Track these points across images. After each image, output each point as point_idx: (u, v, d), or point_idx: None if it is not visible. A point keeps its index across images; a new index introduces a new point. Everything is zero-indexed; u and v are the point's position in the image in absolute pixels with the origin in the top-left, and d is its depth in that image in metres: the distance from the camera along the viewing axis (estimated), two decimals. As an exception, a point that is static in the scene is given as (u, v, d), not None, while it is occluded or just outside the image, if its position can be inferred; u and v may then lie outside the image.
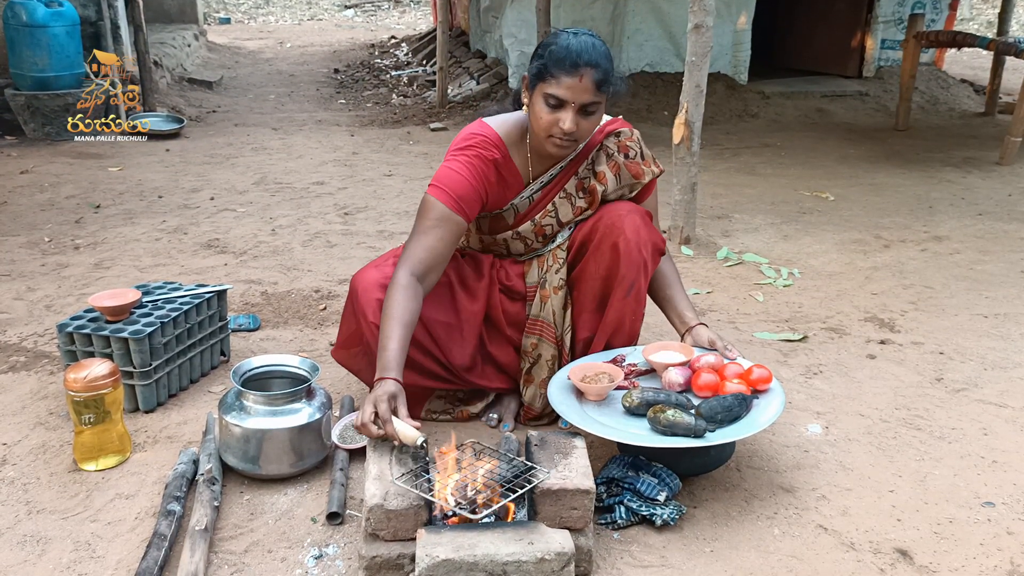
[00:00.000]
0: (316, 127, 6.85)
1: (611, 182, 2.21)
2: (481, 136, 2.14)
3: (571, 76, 1.95)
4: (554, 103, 1.99)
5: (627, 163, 2.22)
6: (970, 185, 5.08)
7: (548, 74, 1.98)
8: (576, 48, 1.96)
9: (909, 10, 7.84)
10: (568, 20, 7.14)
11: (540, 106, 2.02)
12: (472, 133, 2.15)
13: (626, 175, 2.22)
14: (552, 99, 1.98)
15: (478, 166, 2.10)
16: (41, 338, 2.80)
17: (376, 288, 2.13)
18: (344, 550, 1.78)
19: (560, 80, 1.96)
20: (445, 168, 2.11)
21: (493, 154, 2.13)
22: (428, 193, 2.08)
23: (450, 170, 2.09)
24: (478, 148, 2.12)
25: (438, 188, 2.07)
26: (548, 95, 1.99)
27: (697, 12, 3.54)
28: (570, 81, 1.96)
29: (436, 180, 2.09)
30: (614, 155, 2.22)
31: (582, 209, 2.22)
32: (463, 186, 2.07)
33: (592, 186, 2.20)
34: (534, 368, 2.25)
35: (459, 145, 2.14)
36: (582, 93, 1.97)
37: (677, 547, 1.81)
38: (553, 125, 2.01)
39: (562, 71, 1.96)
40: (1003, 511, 1.96)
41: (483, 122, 2.19)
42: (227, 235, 3.97)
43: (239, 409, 2.00)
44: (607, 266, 2.12)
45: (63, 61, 5.82)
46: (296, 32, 14.34)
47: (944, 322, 3.06)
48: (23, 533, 1.82)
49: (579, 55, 1.95)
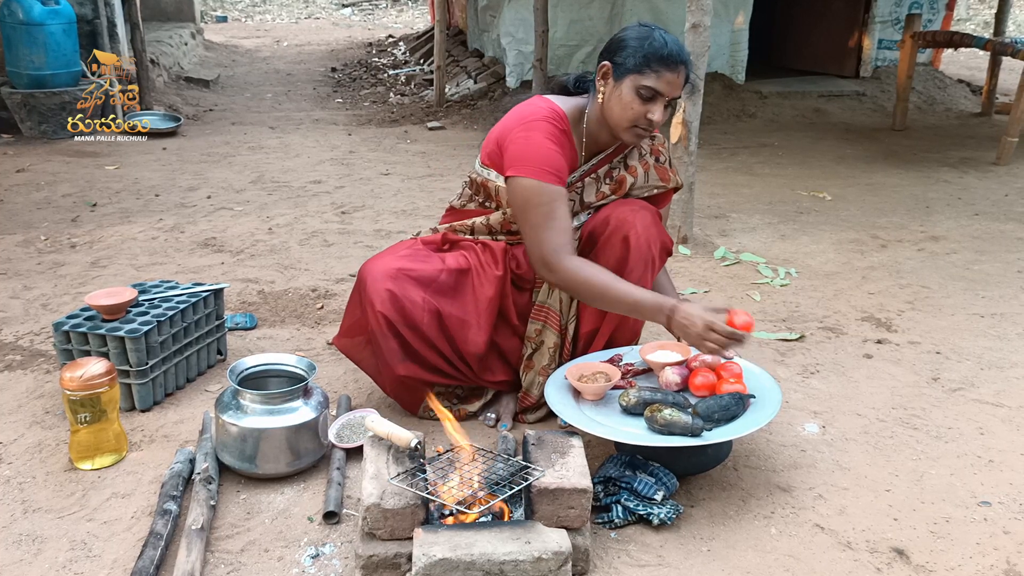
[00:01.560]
0: (313, 126, 6.84)
1: (640, 177, 2.26)
2: (553, 110, 2.15)
3: (672, 71, 2.03)
4: (649, 96, 2.04)
5: (657, 166, 2.29)
6: (967, 185, 5.09)
7: (648, 67, 2.03)
8: (674, 46, 2.05)
9: (906, 10, 7.85)
10: (566, 19, 7.15)
11: (630, 97, 2.05)
12: (535, 106, 2.16)
13: (654, 176, 2.28)
14: (648, 91, 2.03)
15: (557, 136, 2.11)
16: (37, 337, 2.80)
17: (385, 278, 2.13)
18: (341, 549, 1.78)
19: (661, 74, 2.02)
20: (531, 145, 2.07)
21: (564, 126, 2.15)
22: (527, 176, 2.05)
23: (539, 146, 2.07)
24: (552, 120, 2.13)
25: (537, 168, 2.05)
26: (644, 87, 2.03)
27: (694, 11, 3.54)
28: (671, 76, 2.03)
29: (528, 160, 2.06)
30: (646, 155, 2.28)
31: (605, 195, 2.24)
32: (556, 159, 2.08)
33: (622, 176, 2.24)
34: (536, 354, 2.25)
35: (534, 117, 2.12)
36: (677, 88, 2.06)
37: (674, 546, 1.81)
38: (641, 116, 2.06)
39: (664, 66, 2.02)
40: (999, 510, 1.96)
41: (545, 98, 2.20)
42: (224, 234, 3.96)
43: (236, 408, 2.00)
44: (617, 258, 2.13)
45: (60, 59, 5.80)
46: (293, 31, 14.32)
47: (941, 322, 3.06)
48: (19, 532, 1.82)
49: (679, 52, 2.05)
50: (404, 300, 2.12)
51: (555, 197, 2.05)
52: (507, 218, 2.25)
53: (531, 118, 2.12)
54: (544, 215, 2.04)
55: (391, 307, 2.11)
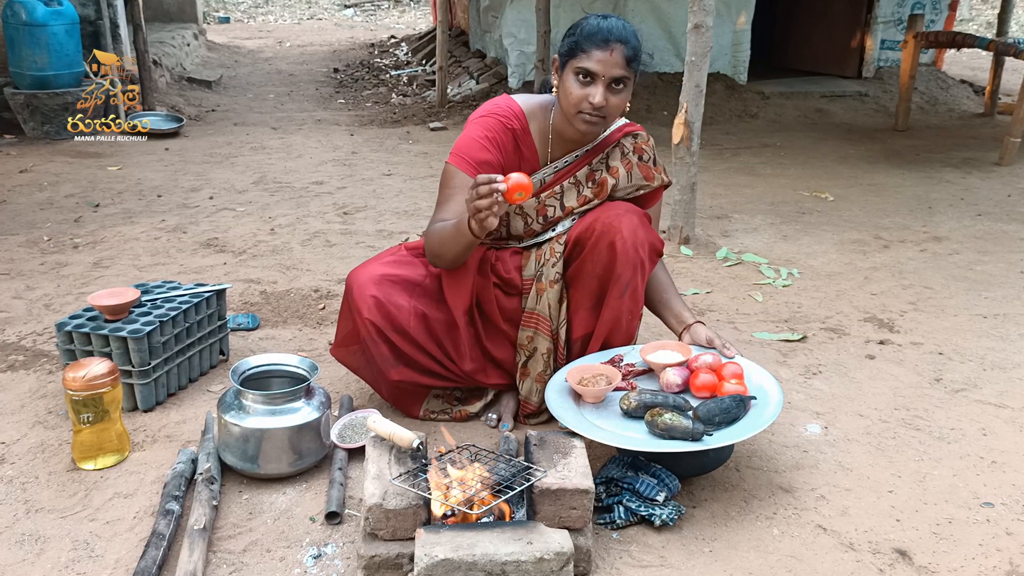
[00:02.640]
0: (315, 126, 6.85)
1: (623, 178, 2.24)
2: (503, 106, 2.22)
3: (602, 50, 2.03)
4: (585, 77, 2.05)
5: (640, 165, 2.26)
6: (969, 186, 5.08)
7: (579, 49, 2.05)
8: (606, 26, 2.06)
9: (909, 10, 7.85)
10: (567, 20, 7.13)
11: (571, 82, 2.07)
12: (494, 103, 2.23)
13: (637, 175, 2.25)
14: (583, 72, 2.05)
15: (497, 131, 2.18)
16: (40, 337, 2.80)
17: (371, 285, 2.13)
18: (343, 549, 1.78)
19: (591, 54, 2.03)
20: (464, 135, 2.19)
21: (512, 124, 2.20)
22: (448, 162, 2.16)
23: (468, 137, 2.18)
24: (499, 116, 2.19)
25: (457, 156, 2.16)
26: (580, 69, 2.05)
27: (697, 12, 3.54)
28: (601, 55, 2.03)
29: (455, 148, 2.17)
30: (628, 154, 2.26)
31: (587, 199, 2.24)
32: (480, 151, 2.15)
33: (603, 179, 2.23)
34: (530, 361, 2.25)
35: (480, 113, 2.22)
36: (613, 67, 2.04)
37: (676, 547, 1.81)
38: (583, 100, 2.06)
39: (593, 45, 2.03)
40: (1002, 511, 1.96)
41: (507, 96, 2.27)
42: (226, 234, 3.97)
43: (238, 408, 2.00)
44: (603, 265, 2.12)
45: (62, 60, 5.81)
46: (295, 31, 14.34)
47: (943, 322, 3.06)
48: (21, 532, 1.82)
49: (610, 31, 2.04)
50: (390, 306, 2.13)
51: (461, 184, 2.13)
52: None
53: (479, 114, 2.22)
54: (444, 197, 2.17)
55: (378, 313, 2.12)
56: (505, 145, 2.18)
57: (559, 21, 6.94)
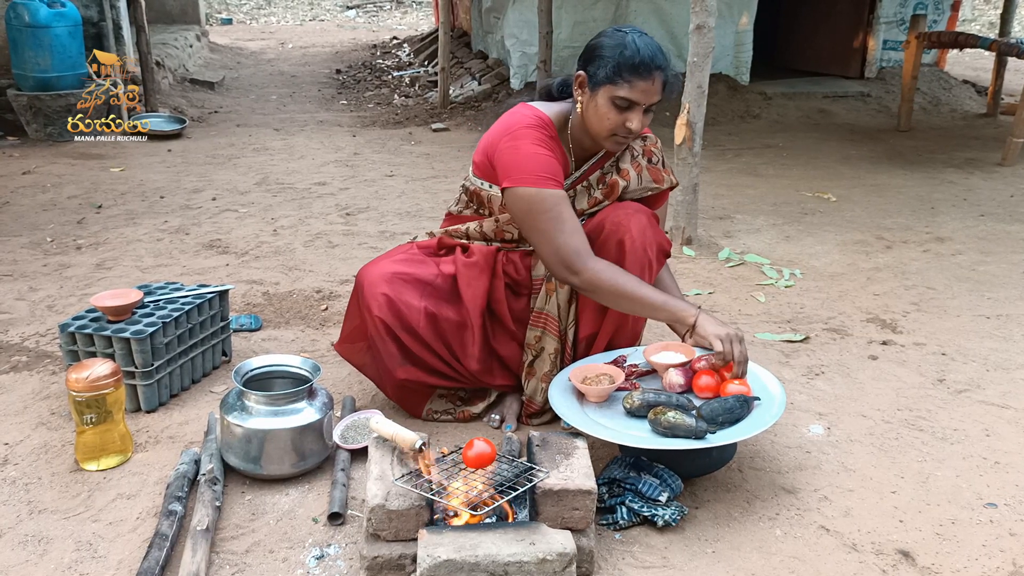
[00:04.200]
0: (318, 128, 6.85)
1: (633, 180, 2.23)
2: (538, 117, 2.13)
3: (645, 80, 1.99)
4: (624, 106, 2.01)
5: (649, 167, 2.25)
6: (972, 186, 5.07)
7: (620, 78, 1.99)
8: (647, 53, 1.99)
9: (911, 11, 7.84)
10: (570, 21, 7.15)
11: (607, 108, 2.03)
12: (526, 115, 2.13)
13: (647, 178, 2.25)
14: (623, 102, 2.00)
15: (546, 141, 2.10)
16: (43, 338, 2.81)
17: (382, 282, 2.13)
18: (346, 550, 1.78)
19: (634, 84, 1.99)
20: (520, 154, 2.05)
21: (551, 132, 2.14)
22: (526, 186, 2.03)
23: (532, 154, 2.05)
24: (540, 128, 2.11)
25: (535, 176, 2.03)
26: (619, 97, 2.00)
27: (699, 13, 3.54)
28: (644, 85, 1.99)
29: (520, 169, 2.04)
30: (638, 157, 2.25)
31: (597, 200, 2.23)
32: (550, 163, 2.06)
33: (614, 180, 2.22)
34: (536, 361, 2.25)
35: (518, 126, 2.10)
36: (653, 95, 2.02)
37: (679, 548, 1.81)
38: (619, 126, 2.03)
39: (636, 75, 1.98)
40: (1005, 512, 1.96)
41: (530, 105, 2.18)
42: (229, 235, 3.97)
43: (241, 409, 2.00)
44: (612, 263, 2.12)
45: (65, 62, 5.82)
46: (298, 33, 14.35)
47: (946, 323, 3.05)
48: (25, 533, 1.82)
49: (652, 59, 1.99)
50: (400, 304, 2.12)
51: (558, 201, 2.04)
52: (499, 226, 2.25)
53: (516, 127, 2.10)
54: (552, 220, 2.03)
55: (388, 311, 2.12)
56: (555, 151, 2.12)
57: (561, 22, 6.95)
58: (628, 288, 2.01)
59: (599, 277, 2.01)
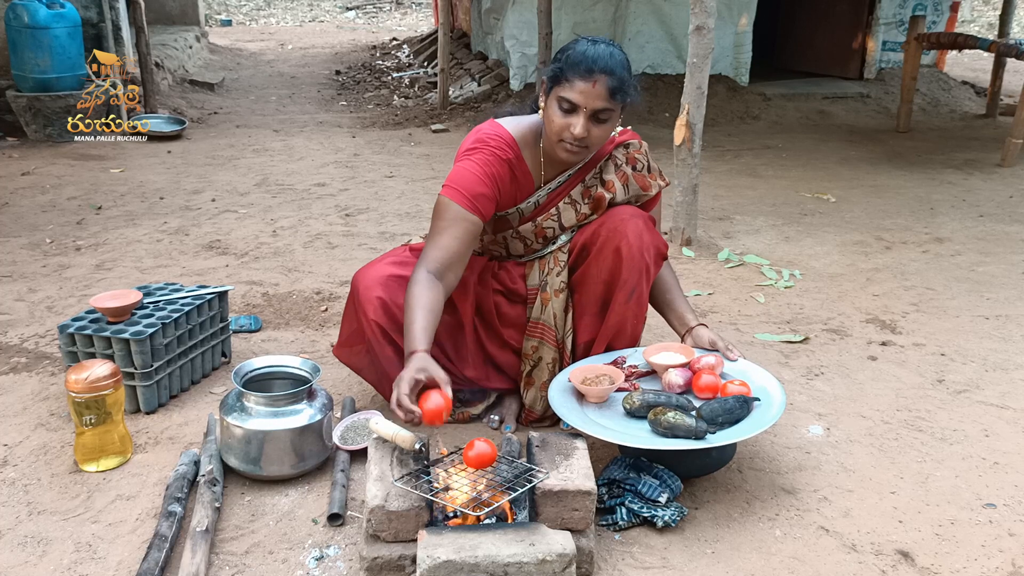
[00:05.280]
0: (317, 129, 6.85)
1: (619, 191, 2.21)
2: (495, 135, 2.13)
3: (585, 81, 1.96)
4: (567, 107, 1.99)
5: (635, 175, 2.24)
6: (971, 187, 5.08)
7: (563, 78, 1.98)
8: (592, 54, 1.97)
9: (910, 12, 7.84)
10: (569, 22, 7.15)
11: (554, 110, 2.02)
12: (486, 133, 2.14)
13: (634, 186, 2.23)
14: (565, 103, 1.99)
15: (493, 164, 2.10)
16: (42, 339, 2.81)
17: (377, 286, 2.13)
18: (345, 551, 1.78)
19: (574, 84, 1.97)
20: (459, 168, 2.10)
21: (507, 154, 2.12)
22: (441, 194, 2.08)
23: (464, 170, 2.09)
24: (492, 147, 2.11)
25: (452, 188, 2.06)
26: (561, 99, 1.99)
27: (698, 14, 3.55)
28: (584, 86, 1.96)
29: (450, 180, 2.08)
30: (622, 166, 2.23)
31: (585, 215, 2.22)
32: (477, 185, 2.07)
33: (599, 194, 2.20)
34: (535, 371, 2.25)
35: (472, 144, 2.13)
36: (595, 99, 1.97)
37: (678, 548, 1.81)
38: (565, 129, 2.01)
39: (576, 75, 1.96)
40: (1004, 512, 1.96)
41: (495, 122, 2.18)
42: (228, 236, 3.97)
43: (240, 410, 2.00)
44: (609, 270, 2.12)
45: (65, 63, 5.82)
46: (297, 34, 14.35)
47: (945, 324, 3.05)
48: (24, 534, 1.82)
49: (595, 61, 1.96)
50: (395, 307, 2.12)
51: (456, 218, 2.04)
52: (485, 244, 2.28)
53: (472, 145, 2.13)
54: (437, 228, 2.06)
55: (383, 314, 2.12)
56: (502, 177, 2.12)
57: (561, 23, 6.95)
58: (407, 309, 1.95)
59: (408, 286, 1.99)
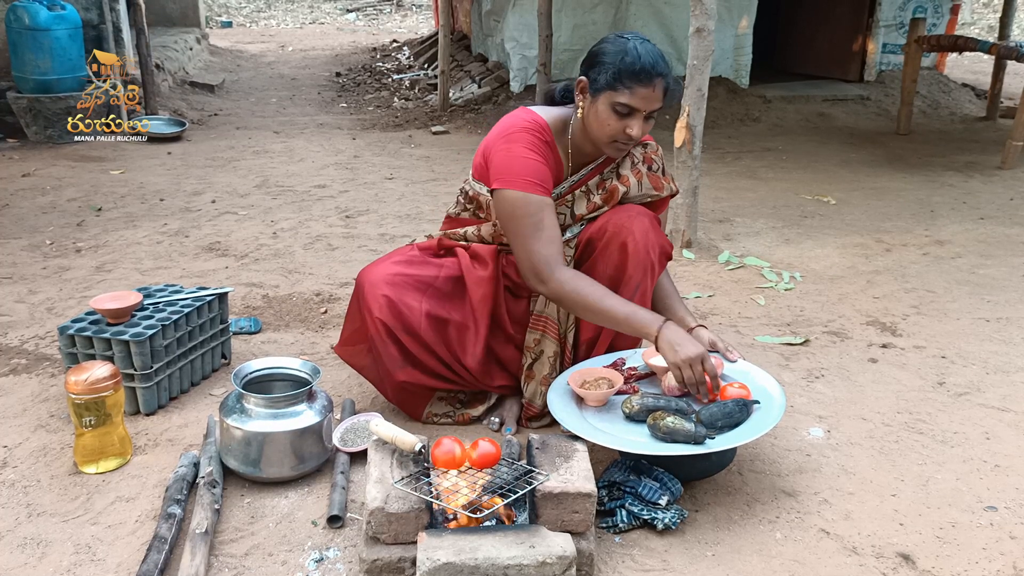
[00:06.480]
0: (317, 130, 6.85)
1: (633, 187, 2.22)
2: (534, 121, 2.13)
3: (646, 87, 1.98)
4: (625, 112, 2.01)
5: (649, 175, 2.26)
6: (972, 189, 5.08)
7: (620, 84, 1.99)
8: (650, 59, 1.99)
9: (910, 14, 7.84)
10: (570, 24, 7.15)
11: (607, 114, 2.03)
12: (519, 118, 2.13)
13: (647, 185, 2.25)
14: (624, 108, 2.00)
15: (539, 146, 2.09)
16: (42, 340, 2.80)
17: (383, 284, 2.13)
18: (345, 553, 1.78)
19: (635, 91, 1.98)
20: (513, 156, 2.06)
21: (547, 137, 2.13)
22: (510, 188, 2.04)
23: (520, 158, 2.06)
24: (533, 132, 2.10)
25: (521, 180, 2.03)
26: (619, 103, 2.00)
27: (699, 16, 3.55)
28: (645, 91, 1.99)
29: (510, 172, 2.05)
30: (638, 164, 2.25)
31: (597, 206, 2.22)
32: (537, 168, 2.06)
33: (613, 186, 2.21)
34: (536, 364, 2.25)
35: (514, 129, 2.10)
36: (654, 102, 2.01)
37: (679, 551, 1.81)
38: (620, 132, 2.03)
39: (637, 82, 1.98)
40: (1006, 515, 1.96)
41: (529, 109, 2.18)
42: (228, 238, 3.97)
43: (240, 412, 2.00)
44: (615, 266, 2.13)
45: (65, 64, 5.83)
46: (298, 36, 14.36)
47: (946, 326, 3.05)
48: (23, 536, 1.82)
49: (654, 66, 1.99)
50: (401, 306, 2.12)
51: (541, 207, 2.04)
52: (497, 230, 2.25)
53: (511, 130, 2.10)
54: (532, 226, 2.03)
55: (389, 313, 2.11)
56: (548, 157, 2.11)
57: (560, 25, 6.95)
58: (592, 299, 1.99)
59: (563, 288, 2.01)
